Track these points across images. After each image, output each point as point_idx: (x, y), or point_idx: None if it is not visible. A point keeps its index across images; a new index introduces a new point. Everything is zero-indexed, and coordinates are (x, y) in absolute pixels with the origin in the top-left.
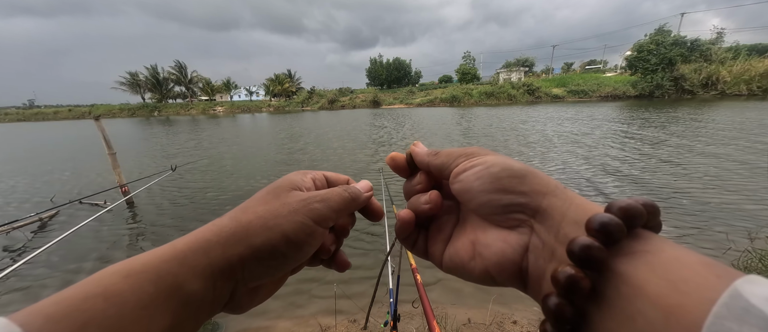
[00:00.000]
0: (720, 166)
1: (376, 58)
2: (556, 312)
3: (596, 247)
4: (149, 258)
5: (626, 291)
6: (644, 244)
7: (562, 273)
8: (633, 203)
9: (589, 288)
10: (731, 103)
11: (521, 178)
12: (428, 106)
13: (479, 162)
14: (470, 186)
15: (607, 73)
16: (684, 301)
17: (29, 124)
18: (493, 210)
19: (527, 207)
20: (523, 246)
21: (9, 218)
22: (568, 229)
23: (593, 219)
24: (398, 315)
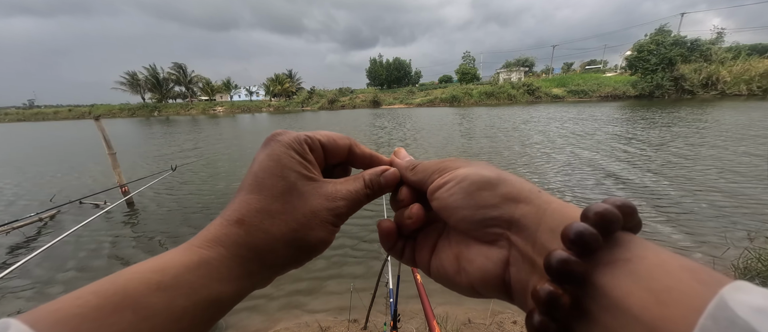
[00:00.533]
0: (722, 166)
1: (376, 58)
2: (540, 330)
3: (573, 261)
4: (180, 271)
5: (608, 304)
6: (624, 251)
7: (542, 290)
8: (608, 207)
9: (569, 304)
10: (732, 103)
11: (492, 190)
12: (428, 106)
13: (451, 177)
14: (445, 204)
15: (607, 73)
16: (668, 313)
17: (29, 124)
18: (470, 226)
19: (501, 220)
20: (504, 260)
21: (9, 218)
22: (545, 238)
23: (568, 230)
24: (398, 315)
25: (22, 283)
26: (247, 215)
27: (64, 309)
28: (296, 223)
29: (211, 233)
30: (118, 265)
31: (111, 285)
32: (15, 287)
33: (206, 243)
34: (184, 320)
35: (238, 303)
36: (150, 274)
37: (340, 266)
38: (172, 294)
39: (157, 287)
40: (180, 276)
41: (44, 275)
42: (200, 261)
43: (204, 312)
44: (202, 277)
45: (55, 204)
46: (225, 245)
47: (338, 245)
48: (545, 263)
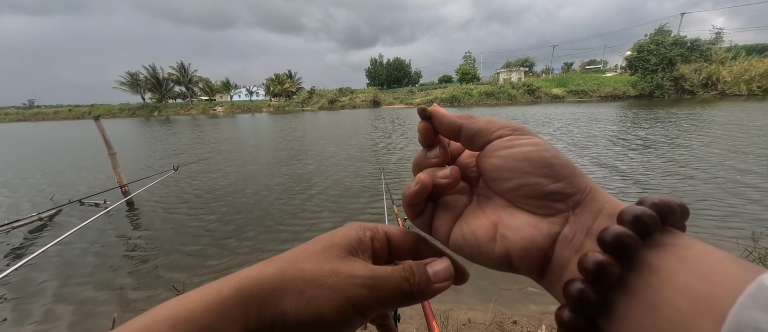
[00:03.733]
0: (725, 166)
1: (376, 58)
2: (579, 297)
3: (629, 235)
4: (194, 307)
5: (654, 280)
6: (674, 239)
7: (591, 258)
8: (669, 200)
9: (618, 275)
10: (732, 103)
11: (572, 169)
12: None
13: (529, 141)
14: (514, 165)
15: (607, 73)
16: (712, 291)
17: (29, 124)
18: (533, 194)
19: (570, 198)
20: (553, 236)
21: (9, 217)
22: (602, 224)
23: (627, 211)
24: (398, 315)
25: (22, 283)
26: (272, 263)
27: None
28: (311, 275)
29: (239, 275)
30: (117, 266)
31: (137, 324)
32: (14, 287)
33: (228, 282)
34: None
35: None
36: (170, 311)
37: None
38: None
39: (173, 323)
40: (194, 312)
41: (44, 275)
42: (217, 298)
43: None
44: (212, 313)
45: (56, 204)
46: (241, 287)
47: None
48: (600, 236)
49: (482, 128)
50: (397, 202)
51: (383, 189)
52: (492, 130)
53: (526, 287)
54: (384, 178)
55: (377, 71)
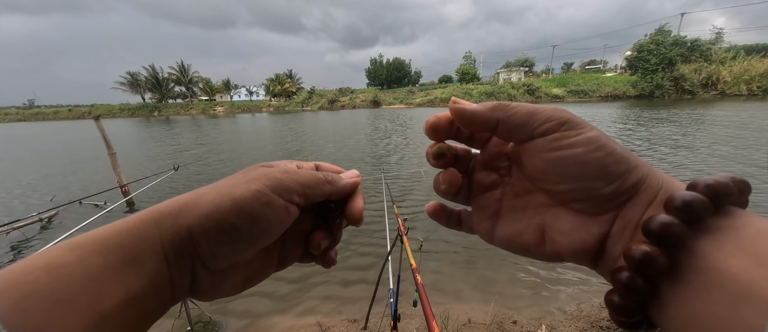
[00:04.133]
0: (726, 163)
1: (376, 58)
2: (628, 284)
3: (676, 224)
4: (99, 232)
5: (705, 266)
6: (731, 220)
7: (636, 250)
8: (721, 179)
9: (667, 265)
10: (733, 103)
11: (627, 164)
12: (428, 106)
13: (580, 140)
14: (564, 170)
15: (607, 73)
16: (766, 273)
17: (29, 124)
18: (585, 198)
19: (624, 196)
20: (604, 234)
21: (9, 218)
22: (652, 213)
23: (675, 197)
24: (398, 315)
25: None
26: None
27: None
28: (223, 183)
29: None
30: None
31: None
32: None
33: (137, 213)
34: (100, 279)
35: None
36: (71, 239)
37: (341, 266)
38: (87, 252)
39: (73, 247)
40: (97, 235)
41: None
42: (124, 223)
43: (121, 273)
44: (119, 235)
45: (56, 204)
46: (151, 211)
47: (338, 245)
48: (644, 226)
49: (523, 123)
50: (397, 202)
51: (383, 191)
52: (535, 125)
53: (526, 287)
54: (384, 178)
55: (377, 71)
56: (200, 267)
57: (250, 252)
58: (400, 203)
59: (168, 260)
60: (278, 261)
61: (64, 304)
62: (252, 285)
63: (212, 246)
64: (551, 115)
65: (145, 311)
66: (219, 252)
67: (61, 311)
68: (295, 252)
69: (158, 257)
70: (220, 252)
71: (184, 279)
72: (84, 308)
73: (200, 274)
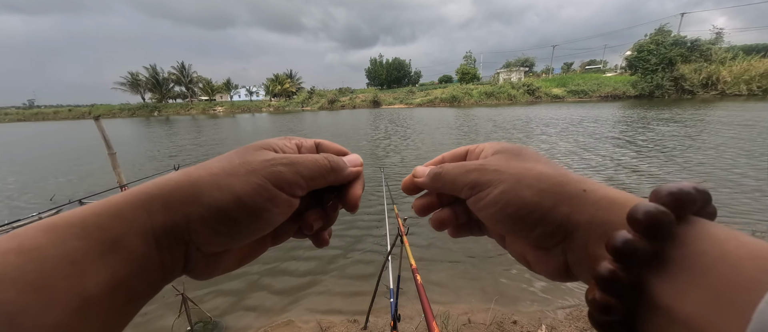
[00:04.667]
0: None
1: (376, 58)
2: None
3: (620, 273)
4: (76, 212)
5: (660, 308)
6: (683, 248)
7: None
8: (659, 209)
9: (622, 313)
10: (733, 102)
11: (539, 211)
12: (428, 106)
13: (489, 202)
14: (494, 226)
15: (607, 73)
16: (726, 311)
17: (29, 124)
18: (527, 241)
19: (556, 236)
20: (563, 264)
21: (9, 218)
22: (595, 248)
23: (614, 240)
24: (398, 315)
25: None
26: (177, 172)
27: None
28: (221, 170)
29: (132, 188)
30: None
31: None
32: None
33: (120, 193)
34: (82, 263)
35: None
36: (46, 220)
37: (340, 266)
38: (63, 233)
39: (48, 229)
40: (74, 216)
41: None
42: (105, 204)
43: (105, 257)
44: (100, 216)
45: (56, 204)
46: (138, 192)
47: (338, 245)
48: (594, 275)
49: (452, 190)
50: (396, 202)
51: (383, 190)
52: (458, 191)
53: (526, 287)
54: (384, 179)
55: (377, 71)
56: (194, 250)
57: (247, 241)
58: (400, 203)
59: (158, 243)
60: (273, 238)
61: (41, 289)
62: (247, 262)
63: (210, 235)
64: (465, 180)
65: (133, 294)
66: (216, 240)
67: (37, 296)
68: (289, 229)
69: (146, 240)
70: (216, 240)
71: (176, 261)
72: (64, 292)
73: (195, 257)
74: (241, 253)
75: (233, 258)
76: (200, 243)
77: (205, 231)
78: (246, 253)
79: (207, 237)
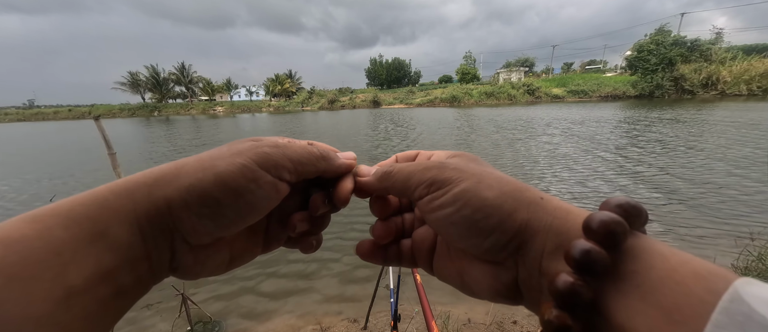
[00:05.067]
0: (724, 163)
1: (376, 58)
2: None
3: (579, 286)
4: (61, 203)
5: (616, 327)
6: (632, 262)
7: (551, 319)
8: (612, 218)
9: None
10: (733, 102)
11: (499, 214)
12: (428, 106)
13: (447, 201)
14: (445, 231)
15: (607, 73)
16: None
17: (29, 124)
18: (474, 252)
19: (510, 246)
20: (513, 280)
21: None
22: (549, 262)
23: (573, 250)
24: (398, 315)
25: None
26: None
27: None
28: (207, 155)
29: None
30: None
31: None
32: None
33: (106, 185)
34: (66, 253)
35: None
36: (30, 212)
37: (341, 266)
38: (47, 224)
39: (32, 219)
40: (59, 207)
41: None
42: (90, 194)
43: (90, 247)
44: (84, 206)
45: None
46: (124, 181)
47: (338, 246)
48: (551, 289)
49: (403, 189)
50: None
51: None
52: (411, 190)
53: None
54: None
55: (377, 71)
56: (180, 242)
57: (234, 229)
58: None
59: (143, 233)
60: (263, 242)
61: (23, 280)
62: (237, 265)
63: (193, 220)
64: (421, 177)
65: (119, 288)
66: (200, 226)
67: (19, 287)
68: (280, 236)
69: (132, 230)
70: (201, 227)
71: (162, 253)
72: (47, 282)
73: (181, 249)
74: (230, 251)
75: (222, 255)
76: (186, 232)
77: (188, 216)
78: (236, 254)
79: (191, 222)
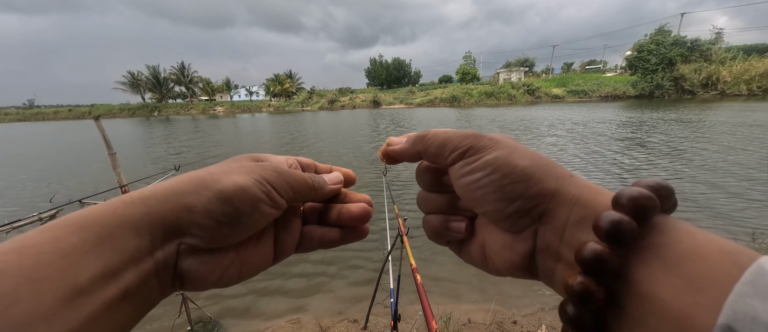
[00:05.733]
0: (725, 164)
1: (376, 59)
2: (574, 321)
3: (607, 254)
4: (76, 213)
5: (638, 293)
6: (658, 236)
7: (575, 284)
8: (643, 192)
9: (602, 299)
10: (733, 102)
11: (527, 181)
12: (428, 106)
13: (479, 165)
14: (472, 195)
15: (607, 73)
16: (701, 300)
17: (29, 124)
18: (498, 217)
19: (533, 214)
20: (530, 251)
21: (9, 218)
22: (572, 231)
23: (601, 220)
24: (398, 315)
25: None
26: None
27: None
28: (217, 168)
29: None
30: None
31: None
32: None
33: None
34: (74, 256)
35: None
36: (47, 224)
37: (341, 266)
38: (60, 232)
39: (47, 229)
40: (72, 217)
41: None
42: (103, 205)
43: (97, 249)
44: (95, 214)
45: (56, 204)
46: (136, 192)
47: (338, 246)
48: (578, 256)
49: (437, 153)
50: (397, 202)
51: (384, 190)
52: (446, 154)
53: (527, 287)
54: (385, 178)
55: (377, 71)
56: (187, 249)
57: (244, 235)
58: (401, 203)
59: (153, 236)
60: (274, 253)
61: (35, 280)
62: (247, 276)
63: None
64: (458, 143)
65: (124, 288)
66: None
67: (31, 287)
68: (288, 244)
69: (139, 232)
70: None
71: (169, 256)
72: (56, 282)
73: (187, 253)
74: (239, 261)
75: (232, 268)
76: (199, 235)
77: (207, 220)
78: (245, 264)
79: (208, 226)
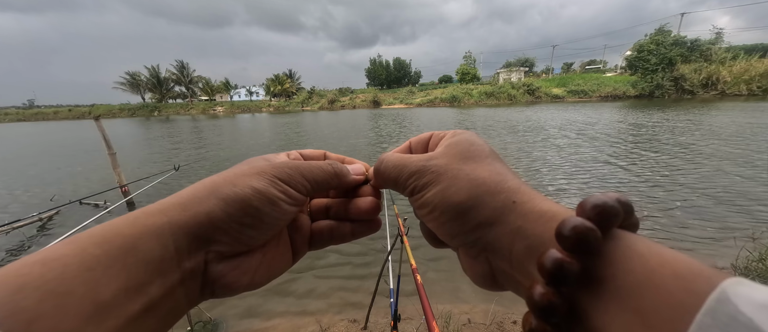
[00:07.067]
0: (725, 164)
1: (375, 58)
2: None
3: (554, 298)
4: (99, 226)
5: (592, 329)
6: (610, 265)
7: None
8: (579, 224)
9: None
10: (734, 102)
11: (463, 218)
12: (428, 106)
13: (423, 202)
14: (429, 226)
15: (607, 73)
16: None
17: (29, 124)
18: (452, 246)
19: (476, 245)
20: (489, 273)
21: (9, 218)
22: (521, 260)
23: (546, 260)
24: (398, 315)
25: None
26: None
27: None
28: (230, 172)
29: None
30: None
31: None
32: None
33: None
34: (98, 269)
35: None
36: (71, 237)
37: (341, 266)
38: (84, 244)
39: (70, 241)
40: (96, 229)
41: None
42: (124, 217)
43: (120, 261)
44: (117, 226)
45: (56, 204)
46: (156, 204)
47: (338, 246)
48: (528, 301)
49: (394, 187)
50: (397, 202)
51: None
52: (400, 189)
53: None
54: None
55: (377, 71)
56: (215, 255)
57: (270, 233)
58: (401, 203)
59: (177, 245)
60: (292, 251)
61: (59, 295)
62: (275, 276)
63: (235, 226)
64: (405, 181)
65: (149, 302)
66: (242, 232)
67: (54, 302)
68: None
69: (163, 242)
70: (243, 233)
71: (196, 265)
72: (79, 298)
73: (215, 260)
74: (266, 264)
75: (259, 266)
76: (225, 241)
77: (229, 224)
78: (270, 264)
79: (232, 230)
